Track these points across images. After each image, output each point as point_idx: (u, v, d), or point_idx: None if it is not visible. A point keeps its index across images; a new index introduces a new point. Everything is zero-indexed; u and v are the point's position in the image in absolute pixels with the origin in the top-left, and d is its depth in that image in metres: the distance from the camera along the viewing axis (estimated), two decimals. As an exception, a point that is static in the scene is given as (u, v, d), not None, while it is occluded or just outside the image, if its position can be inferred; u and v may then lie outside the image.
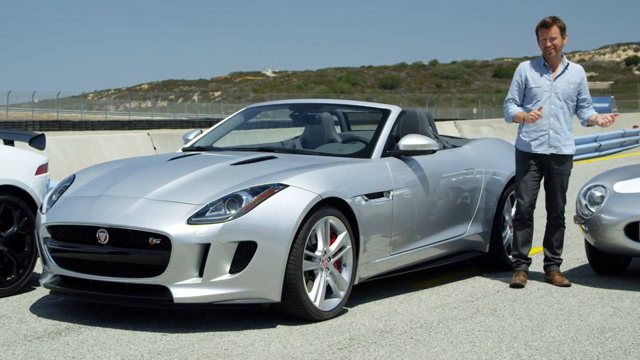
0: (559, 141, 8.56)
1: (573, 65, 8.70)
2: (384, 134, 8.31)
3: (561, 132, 8.55)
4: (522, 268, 8.60)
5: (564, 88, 8.55)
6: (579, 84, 8.61)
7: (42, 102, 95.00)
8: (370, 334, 6.71)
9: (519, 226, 8.69)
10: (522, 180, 8.63)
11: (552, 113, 8.53)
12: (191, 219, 6.71)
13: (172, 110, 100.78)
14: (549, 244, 8.74)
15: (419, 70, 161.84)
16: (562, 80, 8.56)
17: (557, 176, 8.65)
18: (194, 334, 6.64)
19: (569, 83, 8.57)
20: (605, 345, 6.45)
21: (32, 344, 6.39)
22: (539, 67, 8.64)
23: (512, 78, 8.77)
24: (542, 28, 8.53)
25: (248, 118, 9.59)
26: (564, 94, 8.54)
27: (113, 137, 17.01)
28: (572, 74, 8.60)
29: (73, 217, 7.12)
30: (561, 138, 8.55)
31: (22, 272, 8.09)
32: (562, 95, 8.54)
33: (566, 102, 8.56)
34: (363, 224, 7.45)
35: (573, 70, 8.63)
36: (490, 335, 6.69)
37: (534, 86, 8.58)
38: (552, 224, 8.75)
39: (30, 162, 8.37)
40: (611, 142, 28.50)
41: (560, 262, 8.75)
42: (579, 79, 8.61)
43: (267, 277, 6.74)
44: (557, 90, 8.54)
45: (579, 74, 8.65)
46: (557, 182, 8.66)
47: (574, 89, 8.58)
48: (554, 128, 8.53)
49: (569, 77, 8.58)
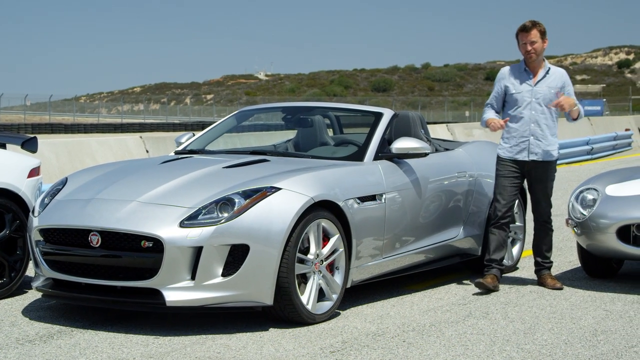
0: (540, 147, 8.46)
1: (555, 69, 8.61)
2: (377, 137, 8.32)
3: (542, 139, 8.46)
4: (493, 272, 8.44)
5: (545, 93, 8.46)
6: (562, 88, 8.51)
7: (34, 105, 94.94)
8: (363, 337, 6.71)
9: (494, 230, 8.56)
10: (501, 185, 8.54)
11: (533, 119, 8.45)
12: (183, 222, 6.71)
13: (164, 113, 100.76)
14: (538, 249, 8.70)
15: (411, 73, 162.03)
16: (543, 85, 8.48)
17: (540, 182, 8.55)
18: (186, 337, 6.63)
19: (550, 88, 8.47)
20: (597, 349, 6.46)
21: (24, 347, 6.38)
22: (519, 73, 8.56)
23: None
24: (522, 32, 8.44)
25: (240, 121, 9.59)
26: (545, 99, 8.45)
27: (105, 140, 16.99)
28: (554, 79, 8.52)
29: (65, 220, 7.12)
30: (542, 144, 8.46)
31: (14, 275, 8.08)
32: (543, 101, 8.45)
33: (548, 107, 8.47)
34: (355, 227, 7.45)
35: (554, 75, 8.54)
36: (482, 338, 6.70)
37: (514, 92, 8.50)
38: (539, 229, 8.69)
39: (23, 165, 8.36)
40: (603, 145, 28.54)
41: (550, 265, 8.71)
42: (560, 83, 8.52)
43: (260, 280, 6.73)
44: (538, 95, 8.45)
45: (560, 77, 8.55)
46: (541, 188, 8.56)
47: (555, 93, 8.47)
48: (534, 134, 8.44)
49: (550, 82, 8.49)
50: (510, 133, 8.52)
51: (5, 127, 52.62)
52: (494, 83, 8.72)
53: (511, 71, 8.62)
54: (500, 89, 8.61)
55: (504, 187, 8.52)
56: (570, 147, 25.93)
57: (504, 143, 8.58)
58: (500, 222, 8.53)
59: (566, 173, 22.05)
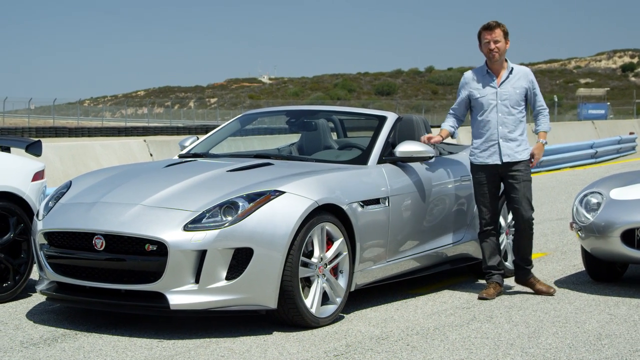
0: (511, 149, 8.30)
1: (518, 68, 8.46)
2: (380, 140, 8.32)
3: (511, 140, 8.31)
4: (495, 280, 8.39)
5: (509, 94, 8.31)
6: (526, 88, 8.37)
7: (38, 109, 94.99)
8: (367, 341, 6.71)
9: (484, 238, 8.48)
10: (479, 193, 8.44)
11: (500, 121, 8.31)
12: (187, 226, 6.71)
13: (168, 116, 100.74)
14: (520, 252, 8.45)
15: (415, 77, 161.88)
16: (507, 86, 8.34)
17: (516, 183, 8.32)
18: (190, 341, 6.64)
19: (515, 88, 8.33)
20: (602, 353, 6.45)
21: (29, 351, 6.39)
22: (482, 76, 8.44)
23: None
24: (485, 31, 8.34)
25: (244, 125, 9.59)
26: (511, 100, 8.31)
27: (109, 143, 17.01)
28: (518, 78, 8.37)
29: (69, 223, 7.12)
30: (512, 145, 8.30)
31: (18, 278, 8.09)
32: (509, 102, 8.31)
33: (515, 108, 8.32)
34: (359, 230, 7.45)
35: (518, 74, 8.40)
36: (486, 342, 6.69)
37: (479, 96, 8.38)
38: (520, 232, 8.41)
39: (27, 168, 8.37)
40: (607, 149, 28.52)
41: (531, 267, 8.48)
42: (525, 83, 8.37)
43: (264, 283, 6.74)
44: (503, 97, 8.31)
45: (525, 77, 8.41)
46: (518, 189, 8.31)
47: (521, 93, 8.33)
48: (503, 137, 8.29)
49: (514, 82, 8.35)
50: (479, 138, 8.40)
51: (10, 131, 52.64)
52: (458, 89, 8.59)
53: (474, 75, 8.48)
54: (464, 95, 8.48)
55: (484, 195, 8.42)
56: (574, 150, 25.91)
57: (474, 149, 8.46)
58: (487, 229, 8.47)
59: (570, 177, 22.04)
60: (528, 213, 8.34)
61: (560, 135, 28.77)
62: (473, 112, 8.49)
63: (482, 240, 8.52)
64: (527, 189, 8.34)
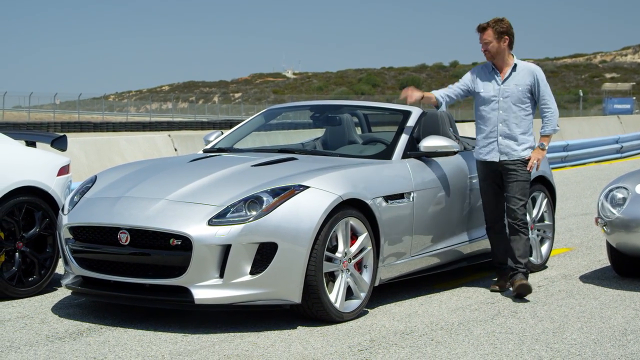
0: (510, 147, 8.18)
1: (524, 65, 8.32)
2: (405, 135, 8.30)
3: (511, 138, 8.20)
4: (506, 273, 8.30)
5: (512, 91, 8.20)
6: (530, 85, 8.23)
7: (63, 104, 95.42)
8: (391, 336, 6.70)
9: (492, 235, 8.46)
10: (482, 189, 8.42)
11: (501, 118, 8.22)
12: (212, 220, 6.72)
13: (192, 111, 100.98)
14: (511, 254, 8.20)
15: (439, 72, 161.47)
16: (510, 84, 8.23)
17: (511, 182, 8.19)
18: (214, 335, 6.65)
19: (518, 85, 8.21)
20: (627, 348, 6.42)
21: (54, 345, 6.42)
22: (487, 72, 8.37)
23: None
24: (477, 32, 8.29)
25: (269, 119, 9.59)
26: (513, 97, 8.19)
27: (134, 138, 17.06)
28: (522, 75, 8.23)
29: (94, 218, 7.15)
30: (512, 143, 8.19)
31: (44, 272, 8.13)
32: (511, 99, 8.20)
33: (517, 106, 8.20)
34: (383, 225, 7.44)
35: (523, 72, 8.25)
36: (511, 337, 6.67)
37: (482, 91, 8.30)
38: (511, 233, 8.22)
39: (52, 163, 8.40)
40: (633, 144, 28.32)
41: (524, 271, 8.15)
42: (529, 80, 8.23)
43: (288, 278, 6.74)
44: (506, 94, 8.21)
45: (529, 74, 8.25)
46: (513, 187, 8.17)
47: (524, 90, 8.20)
48: (502, 134, 8.20)
49: (517, 79, 8.23)
50: (480, 133, 8.36)
51: (35, 126, 52.95)
52: (464, 75, 8.51)
53: (480, 70, 8.43)
54: (466, 84, 8.40)
55: (485, 192, 8.40)
56: (599, 145, 25.77)
57: (476, 145, 8.45)
58: (492, 225, 8.45)
59: (595, 172, 21.94)
60: (518, 214, 8.16)
61: (586, 130, 28.63)
62: (476, 107, 8.44)
63: (491, 236, 8.50)
64: (520, 188, 8.18)
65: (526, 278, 8.10)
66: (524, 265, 8.16)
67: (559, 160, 23.26)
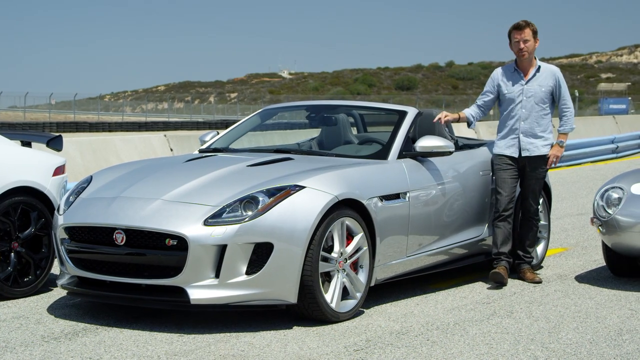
0: (531, 144, 8.69)
1: (546, 67, 8.80)
2: (401, 135, 8.31)
3: (532, 136, 8.68)
4: (502, 265, 8.59)
5: (535, 91, 8.68)
6: (552, 86, 8.72)
7: (59, 104, 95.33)
8: (387, 336, 6.71)
9: (498, 224, 8.69)
10: (500, 178, 8.73)
11: (524, 117, 8.69)
12: (208, 220, 6.72)
13: (188, 111, 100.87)
14: (521, 242, 8.85)
15: (435, 72, 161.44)
16: (533, 84, 8.70)
17: (530, 179, 8.77)
18: (210, 335, 6.65)
19: (541, 86, 8.69)
20: (623, 348, 6.43)
21: (50, 345, 6.42)
22: (510, 73, 8.81)
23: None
24: (515, 30, 8.69)
25: (264, 119, 9.59)
26: (536, 97, 8.68)
27: (130, 138, 17.06)
28: (545, 77, 8.72)
29: (90, 218, 7.15)
30: (533, 140, 8.70)
31: (39, 273, 8.12)
32: (534, 99, 8.67)
33: (539, 105, 8.69)
34: (379, 225, 7.45)
35: (545, 73, 8.74)
36: (506, 337, 6.68)
37: (506, 92, 8.76)
38: (524, 223, 8.86)
39: (48, 163, 8.40)
40: (629, 144, 28.34)
41: (531, 260, 8.89)
42: (552, 82, 8.72)
43: (284, 278, 6.74)
44: (529, 94, 8.68)
45: (552, 76, 8.75)
46: (530, 184, 8.77)
47: (547, 91, 8.69)
48: (524, 132, 8.69)
49: (540, 80, 8.70)
50: (502, 130, 8.80)
51: (31, 126, 52.89)
52: (487, 84, 8.93)
53: (503, 73, 8.86)
54: (492, 89, 8.87)
55: (504, 180, 8.69)
56: (595, 145, 25.79)
57: (497, 140, 8.86)
58: (503, 215, 8.66)
59: (591, 172, 21.95)
60: (533, 207, 8.79)
61: (581, 130, 28.65)
62: (500, 107, 8.89)
63: (496, 225, 8.70)
64: (537, 184, 8.78)
65: (532, 268, 8.86)
66: (531, 256, 8.87)
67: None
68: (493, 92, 8.87)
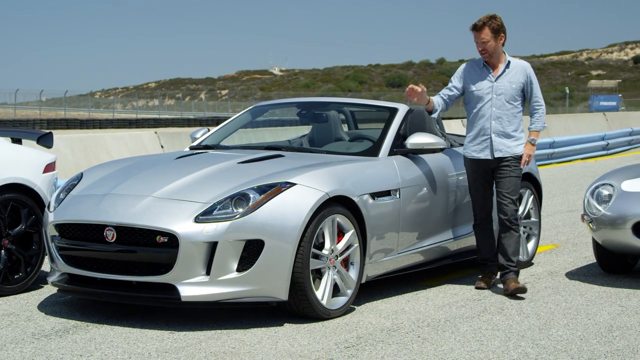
0: (503, 144, 8.14)
1: (516, 62, 8.28)
2: (391, 132, 8.31)
3: (505, 135, 8.15)
4: (490, 270, 8.37)
5: (505, 88, 8.15)
6: (524, 83, 8.20)
7: (49, 101, 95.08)
8: (378, 333, 6.71)
9: (479, 232, 8.42)
10: (472, 186, 8.36)
11: (495, 116, 8.15)
12: (198, 218, 6.72)
13: (179, 108, 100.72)
14: (503, 253, 8.17)
15: (426, 69, 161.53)
16: (503, 81, 8.17)
17: (504, 178, 8.15)
18: (201, 332, 6.65)
19: (511, 82, 8.16)
20: (613, 344, 6.44)
21: (40, 342, 6.41)
22: (479, 69, 8.28)
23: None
24: (473, 31, 8.15)
25: (255, 116, 9.59)
26: (507, 95, 8.14)
27: (120, 135, 17.03)
28: (515, 73, 8.20)
29: (81, 215, 7.14)
30: (505, 140, 8.15)
31: (29, 270, 8.11)
32: (505, 96, 8.15)
33: (510, 103, 8.15)
34: (370, 222, 7.45)
35: (516, 69, 8.22)
36: (497, 334, 6.69)
37: (474, 89, 8.23)
38: (503, 230, 8.19)
39: (38, 160, 8.38)
40: (619, 141, 28.42)
41: (516, 270, 8.18)
42: (522, 78, 8.20)
43: (275, 275, 6.74)
44: (499, 91, 8.15)
45: (522, 71, 8.21)
46: (505, 184, 8.14)
47: (517, 88, 8.16)
48: (496, 132, 8.15)
49: (510, 77, 8.18)
50: (472, 131, 8.28)
51: (21, 123, 52.77)
52: (452, 78, 8.40)
53: (471, 67, 8.33)
54: (458, 84, 8.32)
55: (477, 189, 8.33)
56: (585, 142, 25.84)
57: (467, 142, 8.35)
58: (483, 223, 8.41)
59: (581, 169, 21.99)
60: (510, 209, 8.14)
61: (572, 127, 28.70)
62: (467, 105, 8.35)
63: (477, 233, 8.47)
64: (512, 184, 8.15)
65: (517, 277, 8.12)
66: (516, 264, 8.17)
67: (545, 157, 23.31)
68: (459, 88, 8.33)
